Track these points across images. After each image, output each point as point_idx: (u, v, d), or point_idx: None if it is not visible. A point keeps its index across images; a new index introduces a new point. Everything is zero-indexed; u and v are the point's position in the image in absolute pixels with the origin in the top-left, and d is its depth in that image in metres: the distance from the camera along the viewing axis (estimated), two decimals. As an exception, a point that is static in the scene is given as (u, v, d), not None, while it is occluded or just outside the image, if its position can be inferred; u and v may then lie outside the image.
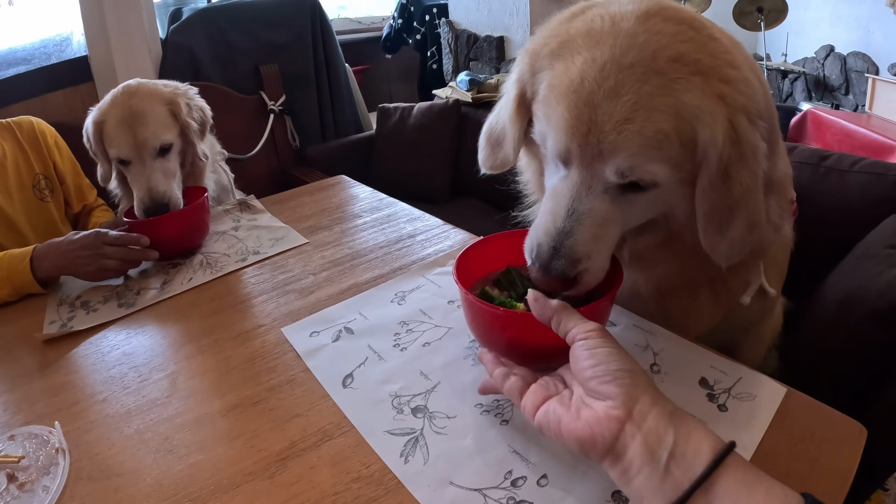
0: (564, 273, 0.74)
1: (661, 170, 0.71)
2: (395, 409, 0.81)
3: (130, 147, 1.38)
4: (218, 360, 0.96)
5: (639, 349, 0.86)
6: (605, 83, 0.70)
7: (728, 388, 0.77)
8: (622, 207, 0.75)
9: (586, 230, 0.74)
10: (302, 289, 1.14)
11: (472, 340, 0.93)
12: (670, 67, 0.69)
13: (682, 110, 0.68)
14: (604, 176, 0.72)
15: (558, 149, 0.75)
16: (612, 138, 0.69)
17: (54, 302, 1.24)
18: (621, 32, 0.71)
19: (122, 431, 0.83)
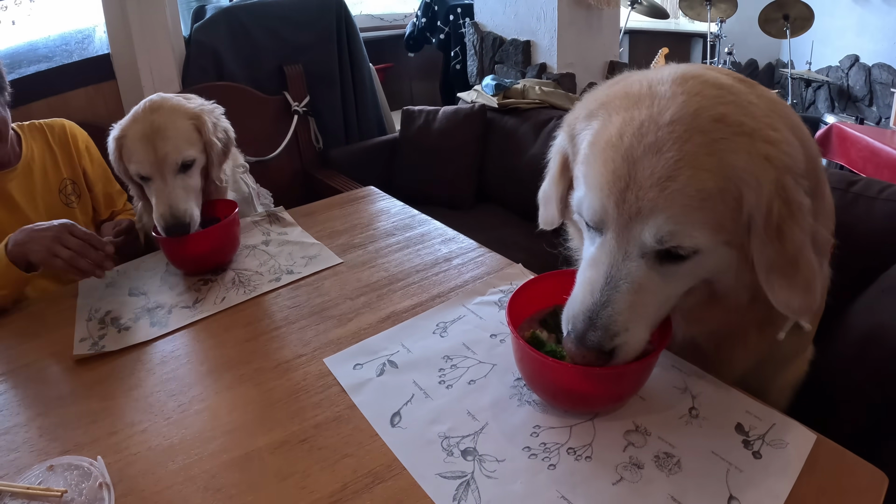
0: (601, 346, 0.72)
1: (703, 235, 0.69)
2: (445, 450, 0.80)
3: (150, 163, 1.32)
4: (260, 391, 0.95)
5: (677, 392, 0.86)
6: (645, 139, 0.69)
7: (762, 435, 0.77)
8: (662, 277, 0.73)
9: (623, 299, 0.72)
10: (340, 315, 1.13)
11: (517, 378, 0.92)
12: (713, 127, 0.68)
13: (728, 171, 0.67)
14: (641, 239, 0.70)
15: (594, 209, 0.73)
16: (653, 196, 0.68)
17: (83, 317, 1.23)
18: (659, 94, 0.71)
19: (167, 467, 0.82)
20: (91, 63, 2.55)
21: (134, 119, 1.35)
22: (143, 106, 1.36)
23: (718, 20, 4.77)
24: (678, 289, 0.76)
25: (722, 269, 0.75)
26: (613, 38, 3.40)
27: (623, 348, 0.73)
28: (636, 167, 0.69)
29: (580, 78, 3.21)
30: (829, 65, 4.88)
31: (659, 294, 0.74)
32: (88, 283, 1.38)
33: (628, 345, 0.73)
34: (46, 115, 2.41)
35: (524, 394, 0.89)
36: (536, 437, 0.81)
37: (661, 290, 0.74)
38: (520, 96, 2.77)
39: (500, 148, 2.73)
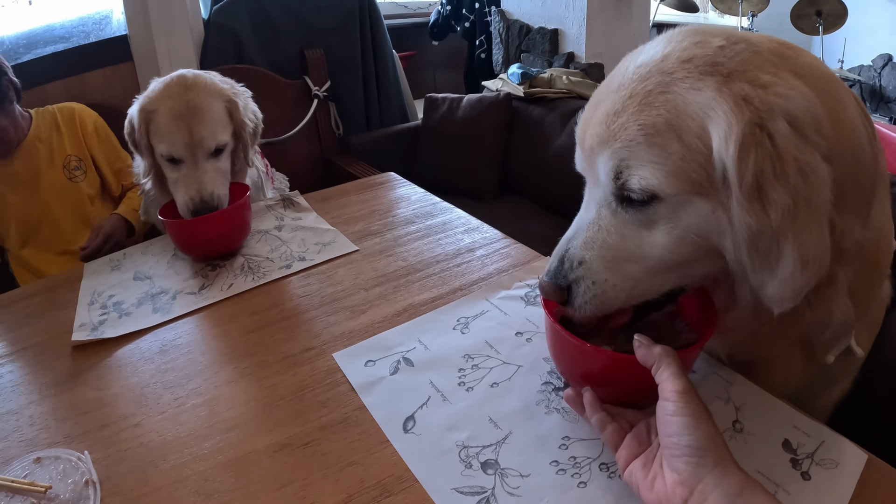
0: (555, 278, 0.70)
1: (655, 176, 0.61)
2: (464, 462, 0.72)
3: (185, 145, 1.26)
4: (262, 387, 0.87)
5: (720, 402, 0.77)
6: (612, 83, 0.67)
7: (811, 453, 0.69)
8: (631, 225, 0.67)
9: (582, 235, 0.70)
10: (353, 306, 1.04)
11: (544, 383, 0.83)
12: (677, 67, 0.61)
13: (683, 107, 0.60)
14: (600, 180, 0.67)
15: (577, 157, 0.73)
16: (597, 132, 0.65)
17: (85, 300, 1.17)
18: (649, 43, 0.68)
19: (158, 466, 0.75)
20: (108, 44, 2.52)
21: (167, 94, 1.27)
22: (175, 80, 1.29)
23: (750, 14, 4.64)
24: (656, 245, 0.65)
25: (710, 231, 0.62)
26: (643, 29, 3.29)
27: (579, 285, 0.69)
28: (597, 108, 0.67)
29: (608, 68, 3.06)
30: (861, 64, 4.73)
31: (629, 242, 0.67)
32: (94, 266, 1.33)
33: (585, 281, 0.68)
34: (62, 96, 2.43)
35: (552, 400, 0.80)
36: (566, 449, 0.73)
37: (630, 239, 0.67)
38: (546, 85, 2.69)
39: (525, 138, 2.65)
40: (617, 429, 0.68)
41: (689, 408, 0.59)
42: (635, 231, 0.66)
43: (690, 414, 0.58)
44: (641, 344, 0.66)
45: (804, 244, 0.57)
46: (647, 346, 0.65)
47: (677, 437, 0.58)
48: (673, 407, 0.59)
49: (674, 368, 0.62)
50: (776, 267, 0.59)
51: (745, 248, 0.60)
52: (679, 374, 0.61)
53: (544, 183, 2.59)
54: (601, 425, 0.69)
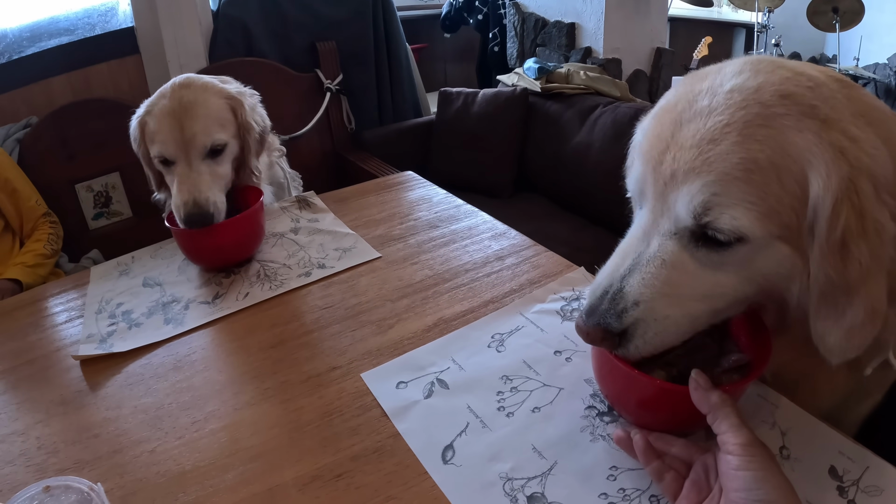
0: (606, 321, 0.63)
1: (747, 218, 0.58)
2: (509, 496, 0.67)
3: (175, 143, 1.16)
4: (287, 411, 0.81)
5: (766, 427, 0.72)
6: (697, 104, 0.61)
7: (856, 480, 0.66)
8: (699, 263, 0.62)
9: (641, 272, 0.63)
10: (380, 320, 0.98)
11: (587, 407, 0.77)
12: (776, 102, 0.58)
13: (786, 146, 0.57)
14: (675, 212, 0.62)
15: (635, 177, 0.67)
16: (689, 157, 0.59)
17: (92, 308, 1.12)
18: (726, 70, 0.64)
19: (177, 498, 0.70)
20: (114, 36, 2.46)
21: (161, 95, 1.20)
22: (173, 82, 1.21)
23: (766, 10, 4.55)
24: (722, 285, 0.63)
25: (782, 275, 0.62)
26: (661, 24, 3.23)
27: (637, 328, 0.63)
28: (681, 129, 0.61)
29: (626, 64, 3.05)
30: (876, 62, 4.63)
31: (694, 282, 0.62)
32: (101, 270, 1.27)
33: (644, 322, 0.62)
34: (67, 90, 2.39)
35: (597, 426, 0.74)
36: (614, 480, 0.68)
37: (698, 278, 0.62)
38: (564, 81, 2.63)
39: (542, 134, 2.59)
40: (675, 477, 0.64)
41: (756, 461, 0.55)
42: (703, 270, 0.62)
43: (757, 467, 0.55)
44: (698, 386, 0.62)
45: (873, 297, 0.58)
46: (703, 390, 0.61)
47: (745, 492, 0.54)
48: (737, 461, 0.56)
49: (733, 419, 0.58)
50: (843, 317, 0.59)
51: (816, 296, 0.60)
52: (740, 425, 0.58)
53: (562, 181, 2.53)
54: (658, 475, 0.64)
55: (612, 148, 2.21)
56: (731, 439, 0.57)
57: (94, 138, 2.24)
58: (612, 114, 2.36)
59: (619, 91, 2.58)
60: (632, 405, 0.72)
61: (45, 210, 2.02)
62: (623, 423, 0.74)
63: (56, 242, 1.97)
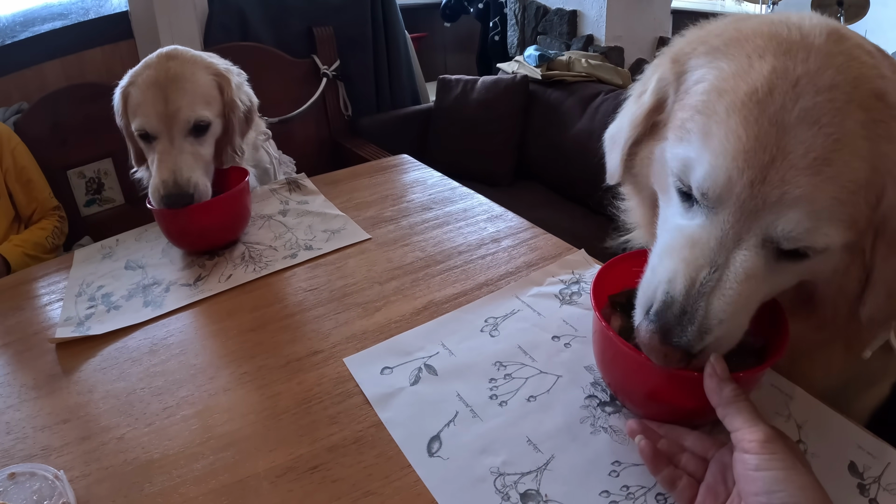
0: (689, 345, 0.56)
1: (839, 235, 0.55)
2: (500, 492, 0.62)
3: (159, 116, 1.10)
4: (263, 397, 0.76)
5: (781, 419, 0.68)
6: (801, 102, 0.53)
7: (877, 477, 0.62)
8: (771, 272, 0.58)
9: (729, 293, 0.56)
10: (366, 303, 0.93)
11: (587, 397, 0.72)
12: (874, 104, 0.54)
13: (878, 161, 0.53)
14: (767, 230, 0.55)
15: (715, 179, 0.56)
16: (806, 181, 0.52)
17: (72, 291, 1.07)
18: (815, 46, 0.56)
19: (143, 489, 0.65)
20: (108, 21, 2.41)
21: (146, 65, 1.13)
22: (159, 52, 1.15)
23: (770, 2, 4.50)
24: (783, 285, 0.61)
25: (837, 271, 0.60)
26: (664, 13, 3.18)
27: (714, 346, 0.58)
28: (787, 138, 0.53)
29: (628, 53, 3.00)
30: (880, 56, 4.59)
31: (764, 289, 0.59)
32: (84, 253, 1.23)
33: (720, 340, 0.57)
34: (60, 75, 2.34)
35: (598, 417, 0.69)
36: (616, 477, 0.63)
37: (768, 283, 0.59)
38: (565, 68, 2.58)
39: (542, 122, 2.54)
40: (689, 483, 0.58)
41: (777, 459, 0.50)
42: (773, 276, 0.58)
43: (778, 466, 0.49)
44: (714, 374, 0.57)
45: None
46: (718, 379, 0.57)
47: (766, 495, 0.49)
48: (756, 461, 0.50)
49: (747, 414, 0.54)
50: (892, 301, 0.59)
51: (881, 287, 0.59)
52: (756, 420, 0.53)
53: (562, 169, 2.48)
54: (670, 483, 0.59)
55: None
56: (746, 436, 0.52)
57: (87, 124, 2.19)
58: (613, 101, 2.30)
59: (622, 79, 2.53)
60: (637, 393, 0.67)
61: (55, 204, 1.99)
62: (627, 414, 0.69)
63: (59, 238, 1.93)
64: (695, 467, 0.59)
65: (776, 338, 0.64)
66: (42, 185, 1.95)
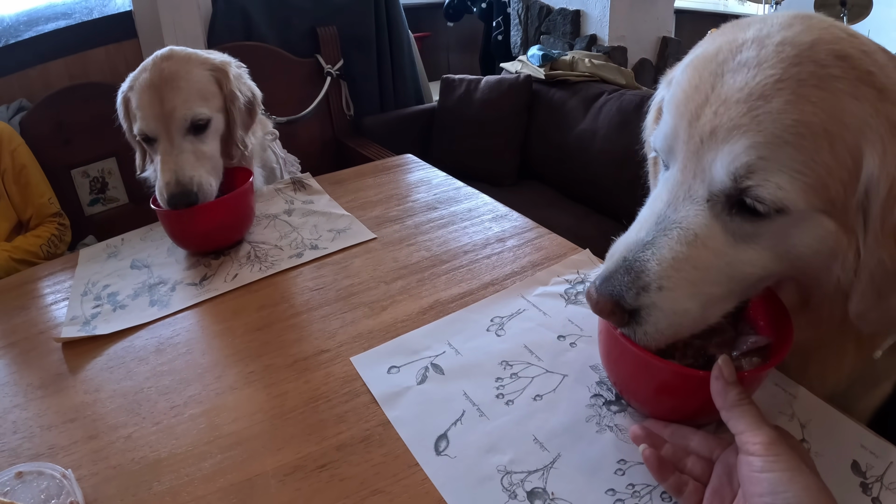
0: (621, 296, 0.57)
1: (793, 187, 0.52)
2: (507, 491, 0.61)
3: (156, 117, 1.10)
4: (270, 396, 0.76)
5: (784, 419, 0.67)
6: (743, 53, 0.55)
7: (880, 476, 0.61)
8: (730, 236, 0.56)
9: (668, 245, 0.56)
10: (372, 302, 0.93)
11: (593, 396, 0.72)
12: (832, 62, 0.52)
13: (841, 114, 0.51)
14: (711, 174, 0.55)
15: (664, 131, 0.60)
16: (736, 113, 0.53)
17: (78, 290, 1.08)
18: (772, 20, 0.57)
19: (151, 488, 0.65)
20: (112, 20, 2.40)
21: (143, 68, 1.14)
22: (155, 55, 1.15)
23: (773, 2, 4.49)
24: (751, 262, 0.57)
25: (823, 253, 0.57)
26: (668, 12, 3.18)
27: (650, 313, 0.57)
28: (723, 80, 0.55)
29: (632, 52, 3.00)
30: (884, 56, 4.58)
31: (721, 258, 0.57)
32: (89, 252, 1.23)
33: (659, 310, 0.57)
34: (64, 74, 2.34)
35: (604, 416, 0.69)
36: (622, 475, 0.62)
37: (726, 253, 0.57)
38: (568, 68, 2.58)
39: (546, 122, 2.55)
40: (695, 489, 0.58)
41: (782, 460, 0.50)
42: (733, 246, 0.57)
43: (783, 468, 0.49)
44: (720, 377, 0.56)
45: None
46: (724, 382, 0.56)
47: (770, 496, 0.48)
48: (760, 462, 0.50)
49: (750, 417, 0.53)
50: (887, 299, 0.56)
51: (867, 279, 0.56)
52: (760, 423, 0.53)
53: (566, 169, 2.48)
54: (677, 489, 0.58)
55: (617, 136, 2.16)
56: (750, 439, 0.52)
57: (91, 123, 2.19)
58: (617, 101, 2.30)
59: (625, 78, 2.53)
60: (643, 392, 0.67)
61: (56, 210, 1.95)
62: (632, 413, 0.69)
63: (56, 246, 1.90)
64: (700, 471, 0.59)
65: (780, 338, 0.63)
66: (41, 189, 1.92)
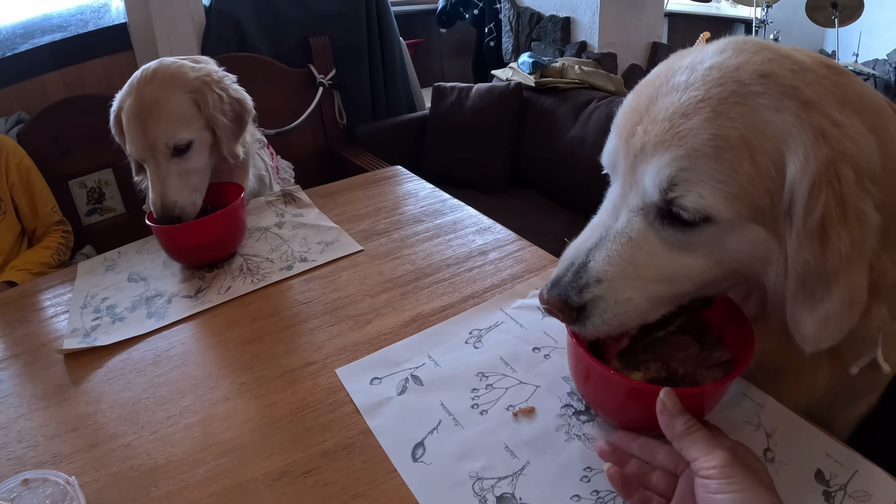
0: (566, 293, 0.63)
1: (715, 197, 0.56)
2: (477, 495, 0.66)
3: (141, 146, 1.16)
4: (260, 406, 0.81)
5: (750, 428, 0.70)
6: (675, 79, 0.60)
7: (844, 485, 0.63)
8: (665, 243, 0.61)
9: (607, 248, 0.63)
10: (358, 315, 0.98)
11: (564, 406, 0.76)
12: (755, 80, 0.57)
13: (762, 125, 0.56)
14: (643, 185, 0.61)
15: (608, 150, 0.67)
16: (660, 130, 0.58)
17: (78, 303, 1.12)
18: (709, 48, 0.63)
19: (149, 493, 0.70)
20: (107, 33, 2.45)
21: (129, 90, 1.18)
22: (139, 74, 1.19)
23: (765, 5, 4.52)
24: (689, 267, 0.62)
25: (757, 259, 0.61)
26: (657, 18, 3.22)
27: (596, 305, 0.62)
28: (656, 103, 0.60)
29: (622, 58, 3.04)
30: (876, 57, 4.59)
31: (657, 260, 0.62)
32: (87, 265, 1.27)
33: (603, 300, 0.62)
34: (60, 86, 2.38)
35: (573, 425, 0.73)
36: (588, 482, 0.66)
37: (664, 259, 0.61)
38: (558, 75, 2.62)
39: (536, 129, 2.59)
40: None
41: (735, 482, 0.52)
42: (668, 251, 0.61)
43: (737, 489, 0.51)
44: (664, 410, 0.60)
45: (852, 286, 0.56)
46: (668, 416, 0.59)
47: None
48: (715, 485, 0.52)
49: (701, 444, 0.56)
50: (820, 304, 0.57)
51: (794, 281, 0.58)
52: (712, 447, 0.55)
53: (556, 176, 2.52)
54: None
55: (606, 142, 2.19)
56: (704, 464, 0.54)
57: (87, 134, 2.22)
58: (606, 108, 2.35)
59: (614, 85, 2.58)
60: (608, 405, 0.71)
61: (59, 218, 2.01)
62: (601, 423, 0.73)
63: (64, 253, 1.96)
64: (665, 486, 0.61)
65: (743, 351, 0.66)
66: (45, 199, 1.98)
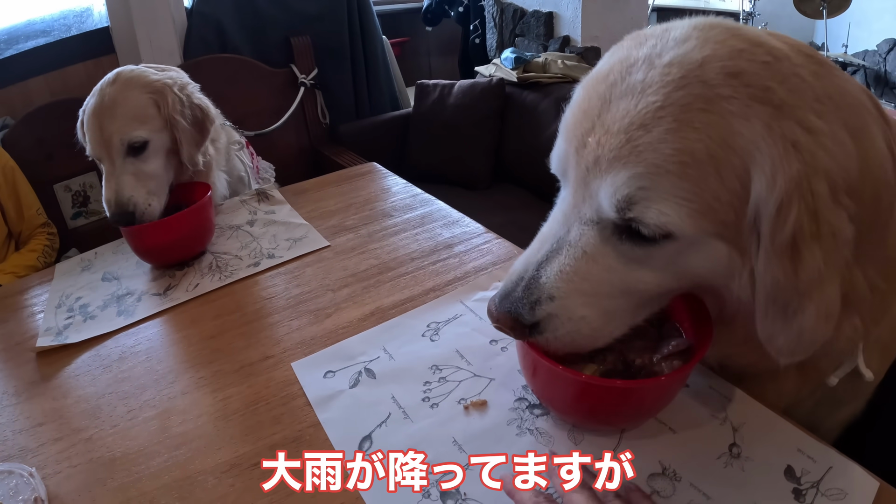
0: (517, 310, 0.59)
1: (678, 214, 0.52)
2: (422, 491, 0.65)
3: (97, 143, 1.17)
4: (215, 400, 0.82)
5: (716, 423, 0.68)
6: (631, 77, 0.54)
7: (816, 482, 0.61)
8: (622, 257, 0.58)
9: (559, 261, 0.58)
10: (318, 309, 0.99)
11: (517, 399, 0.75)
12: (722, 81, 0.52)
13: (729, 137, 0.51)
14: (597, 200, 0.56)
15: (556, 154, 0.62)
16: (616, 144, 0.53)
17: (53, 303, 1.14)
18: (671, 35, 0.56)
19: (106, 484, 0.72)
20: (90, 37, 2.46)
21: (93, 93, 1.20)
22: (106, 77, 1.21)
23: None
24: (645, 281, 0.59)
25: (718, 273, 0.58)
26: (641, 11, 3.20)
27: (549, 322, 0.59)
28: (609, 107, 0.55)
29: (605, 52, 3.02)
30: (865, 48, 4.59)
31: (614, 274, 0.58)
32: (65, 267, 1.29)
33: (556, 318, 0.59)
34: (44, 91, 2.40)
35: (525, 419, 0.72)
36: (538, 476, 0.66)
37: (618, 270, 0.58)
38: (541, 70, 2.62)
39: (519, 124, 2.59)
40: None
41: None
42: (624, 265, 0.58)
43: None
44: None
45: (827, 300, 0.53)
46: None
47: None
48: None
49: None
50: (794, 318, 0.54)
51: (763, 298, 0.55)
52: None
53: (538, 171, 2.47)
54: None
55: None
56: None
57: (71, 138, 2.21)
58: (587, 103, 2.35)
59: (596, 79, 2.58)
60: (558, 400, 0.70)
61: (44, 220, 2.03)
62: (554, 417, 0.72)
63: (50, 255, 1.98)
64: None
65: (702, 338, 0.65)
66: (30, 201, 1.99)
